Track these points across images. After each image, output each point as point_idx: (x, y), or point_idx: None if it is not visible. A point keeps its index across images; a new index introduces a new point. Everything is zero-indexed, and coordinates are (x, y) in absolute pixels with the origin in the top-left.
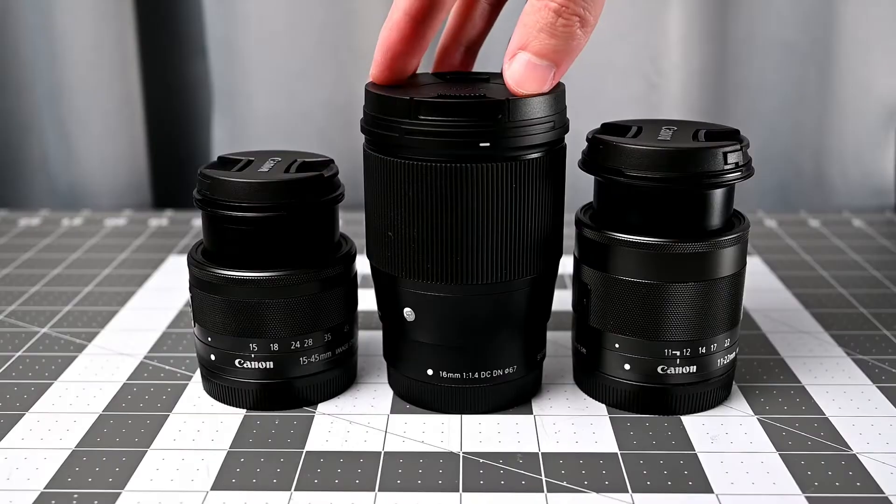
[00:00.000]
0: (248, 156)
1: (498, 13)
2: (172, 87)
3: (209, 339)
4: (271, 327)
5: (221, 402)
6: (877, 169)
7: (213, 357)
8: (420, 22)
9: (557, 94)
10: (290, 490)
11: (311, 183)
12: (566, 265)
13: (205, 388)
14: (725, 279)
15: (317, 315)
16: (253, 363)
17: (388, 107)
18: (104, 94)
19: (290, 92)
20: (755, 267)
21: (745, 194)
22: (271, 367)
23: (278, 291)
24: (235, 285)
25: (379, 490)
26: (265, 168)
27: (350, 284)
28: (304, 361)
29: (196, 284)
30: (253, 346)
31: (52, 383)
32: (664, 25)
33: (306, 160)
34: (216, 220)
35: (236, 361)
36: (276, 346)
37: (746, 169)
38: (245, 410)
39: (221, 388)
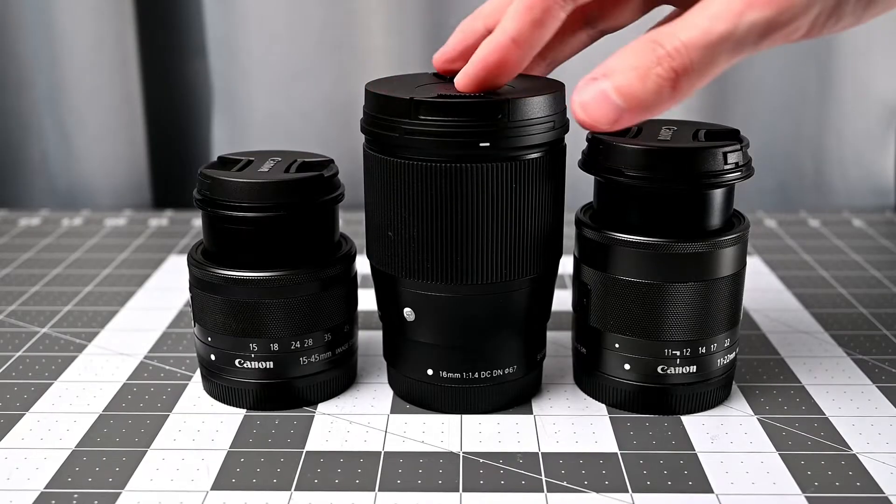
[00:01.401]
0: (248, 156)
1: (592, 42)
2: (172, 87)
3: (209, 339)
4: (271, 327)
5: (221, 402)
6: (877, 169)
7: (213, 357)
8: (525, 49)
9: (557, 93)
10: (290, 490)
11: (311, 183)
12: (566, 265)
13: (205, 388)
14: (725, 279)
15: (317, 315)
16: (253, 363)
17: (388, 107)
18: (104, 94)
19: (290, 92)
20: (755, 267)
21: (745, 194)
22: (271, 367)
23: (278, 291)
24: (235, 285)
25: (379, 490)
26: (265, 168)
27: (350, 284)
28: (304, 361)
29: (196, 284)
30: (253, 346)
31: (52, 383)
32: None
33: (306, 160)
34: (216, 220)
35: (236, 361)
36: (276, 346)
37: (746, 169)
38: (245, 410)
39: (221, 388)
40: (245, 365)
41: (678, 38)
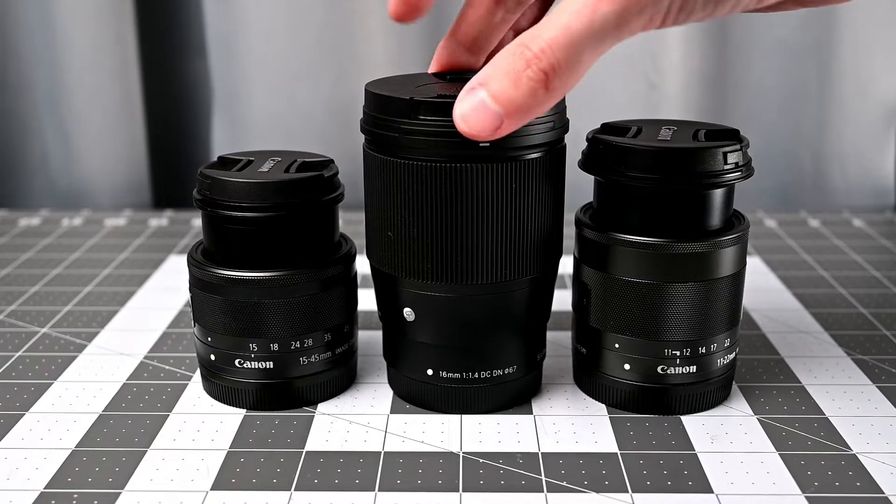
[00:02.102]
0: (248, 156)
1: (512, 18)
2: (172, 87)
3: (209, 339)
4: (271, 327)
5: (221, 401)
6: (877, 169)
7: (212, 357)
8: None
9: None
10: (289, 490)
11: (311, 183)
12: (566, 265)
13: (205, 388)
14: (725, 279)
15: (316, 315)
16: (253, 363)
17: (388, 107)
18: (104, 94)
19: (290, 92)
20: (755, 267)
21: (745, 194)
22: (271, 367)
23: (278, 291)
24: (235, 285)
25: (379, 490)
26: (265, 168)
27: (350, 284)
28: (303, 361)
29: (196, 284)
30: (253, 346)
31: (52, 383)
32: None
33: (306, 160)
34: (216, 220)
35: (236, 361)
36: (275, 346)
37: (746, 169)
38: (245, 410)
39: (221, 388)
40: (245, 365)
41: (543, 40)
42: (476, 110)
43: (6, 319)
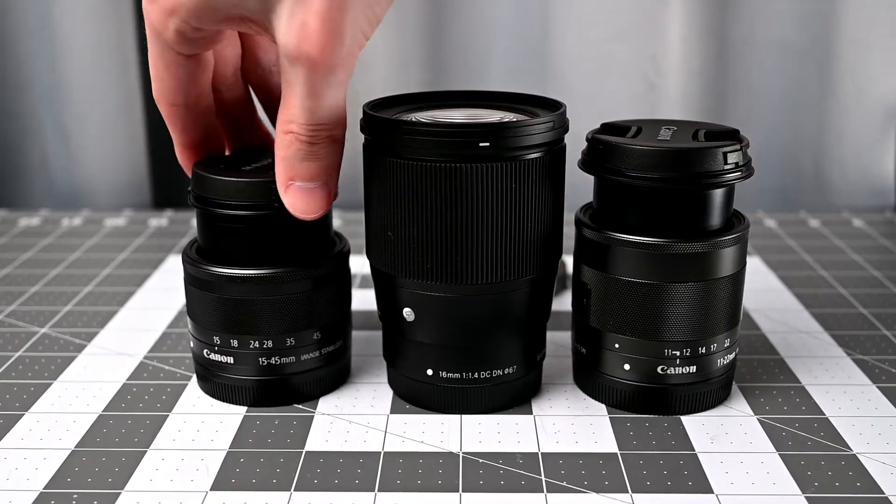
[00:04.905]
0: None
1: (260, 93)
2: None
3: (203, 335)
4: (264, 325)
5: (214, 398)
6: (877, 169)
7: (206, 353)
8: (194, 148)
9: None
10: (289, 490)
11: None
12: (566, 265)
13: (199, 386)
14: (725, 279)
15: (310, 313)
16: (247, 360)
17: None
18: (104, 94)
19: None
20: (755, 267)
21: (745, 194)
22: (264, 363)
23: (271, 289)
24: (229, 283)
25: (379, 490)
26: (260, 164)
27: (343, 283)
28: (297, 359)
29: (190, 282)
30: (247, 342)
31: (51, 383)
32: (664, 25)
33: None
34: (209, 217)
35: (230, 358)
36: (269, 344)
37: (746, 169)
38: (245, 410)
39: (215, 385)
40: (239, 362)
41: (295, 122)
42: (303, 199)
43: (6, 319)
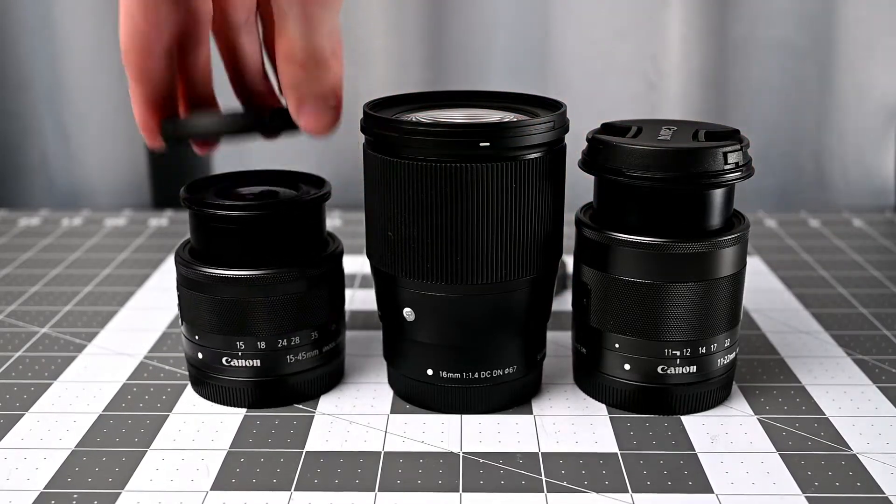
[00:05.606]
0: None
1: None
2: None
3: (196, 337)
4: (258, 325)
5: (209, 401)
6: (877, 169)
7: (200, 356)
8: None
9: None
10: (289, 490)
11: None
12: (566, 265)
13: (193, 389)
14: (725, 279)
15: (303, 313)
16: (240, 361)
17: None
18: (104, 94)
19: None
20: (755, 267)
21: (745, 194)
22: (258, 365)
23: (265, 290)
24: (222, 283)
25: (379, 490)
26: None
27: (337, 283)
28: (291, 360)
29: (183, 283)
30: (240, 344)
31: (51, 383)
32: (664, 25)
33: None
34: (202, 218)
35: (223, 360)
36: (262, 345)
37: (746, 169)
38: (245, 410)
39: (209, 387)
40: (232, 363)
41: (296, 50)
42: (319, 119)
43: (6, 319)
